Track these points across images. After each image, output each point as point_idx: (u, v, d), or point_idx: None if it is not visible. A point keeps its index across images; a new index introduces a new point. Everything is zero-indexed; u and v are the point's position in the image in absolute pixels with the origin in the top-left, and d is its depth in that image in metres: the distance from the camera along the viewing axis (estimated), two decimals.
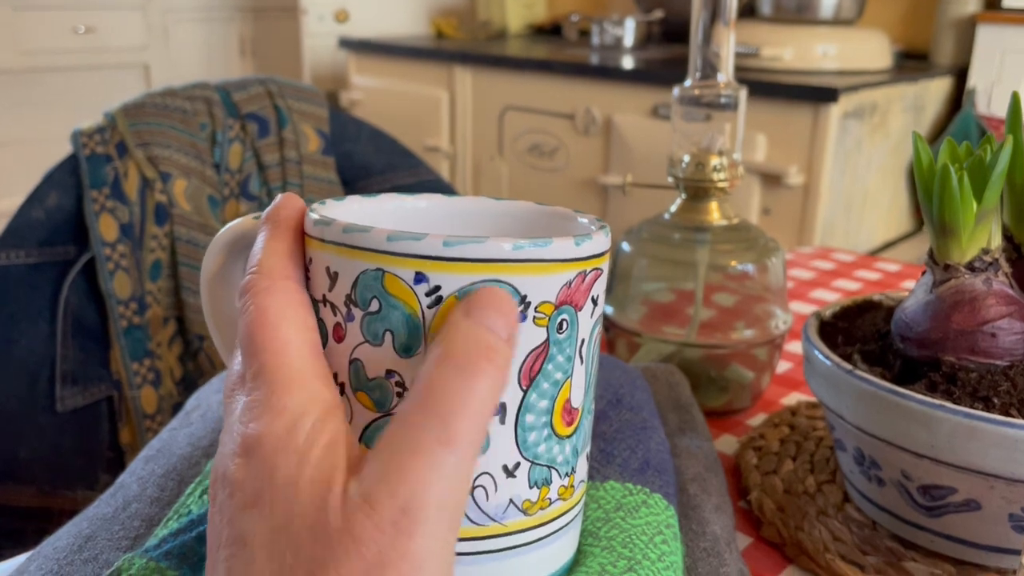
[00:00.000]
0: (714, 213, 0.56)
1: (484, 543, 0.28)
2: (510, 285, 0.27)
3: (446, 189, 1.09)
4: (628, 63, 2.04)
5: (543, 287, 0.27)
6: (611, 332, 0.59)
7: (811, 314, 0.46)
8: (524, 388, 0.28)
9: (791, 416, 0.55)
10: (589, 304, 0.29)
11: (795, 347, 0.68)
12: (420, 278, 0.26)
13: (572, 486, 0.30)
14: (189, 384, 0.92)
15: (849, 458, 0.43)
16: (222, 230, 0.32)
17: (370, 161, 1.04)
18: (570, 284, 0.28)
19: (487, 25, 2.74)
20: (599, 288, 0.30)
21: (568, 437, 0.29)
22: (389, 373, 0.27)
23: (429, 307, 0.26)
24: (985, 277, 0.38)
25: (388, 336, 0.27)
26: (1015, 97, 0.39)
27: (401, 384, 0.27)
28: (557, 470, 0.29)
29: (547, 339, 0.28)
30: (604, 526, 0.35)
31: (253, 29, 3.13)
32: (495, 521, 0.28)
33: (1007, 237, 0.42)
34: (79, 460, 0.86)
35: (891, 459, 0.39)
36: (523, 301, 0.27)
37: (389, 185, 1.04)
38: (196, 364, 0.92)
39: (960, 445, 0.36)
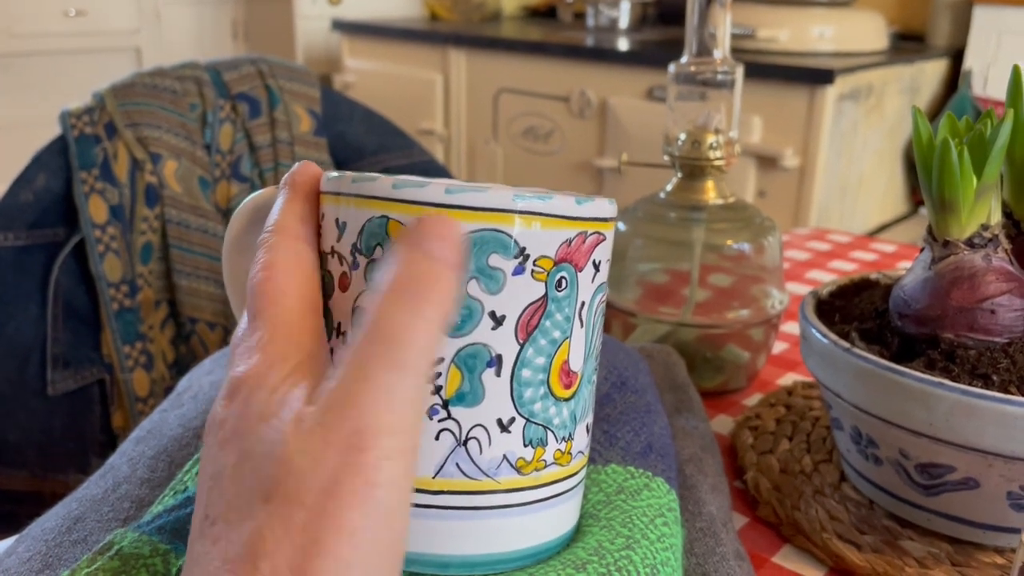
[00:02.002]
0: (710, 192, 0.56)
1: (476, 498, 0.28)
2: (509, 236, 0.27)
3: (439, 171, 1.08)
4: (623, 45, 2.03)
5: (542, 241, 0.28)
6: (606, 312, 0.59)
7: (808, 292, 0.46)
8: (521, 342, 0.28)
9: (787, 396, 0.55)
10: (590, 267, 0.29)
11: (791, 327, 0.68)
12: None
13: (569, 453, 0.30)
14: (181, 367, 0.92)
15: (846, 437, 0.43)
16: (247, 199, 0.33)
17: (363, 142, 1.03)
18: (570, 242, 0.28)
19: (481, 7, 2.72)
20: (601, 254, 0.30)
21: (566, 400, 0.29)
22: None
23: None
24: (984, 253, 0.38)
25: None
26: (1016, 71, 0.38)
27: None
28: (553, 432, 0.29)
29: (545, 294, 0.28)
30: (604, 508, 0.35)
31: (245, 12, 3.10)
32: (488, 476, 0.28)
33: (1007, 213, 0.41)
34: (71, 444, 0.85)
35: (889, 438, 0.39)
36: (522, 253, 0.27)
37: (381, 167, 1.03)
38: (188, 347, 0.92)
39: (959, 423, 0.35)
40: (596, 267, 0.30)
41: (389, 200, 0.27)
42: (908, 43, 2.07)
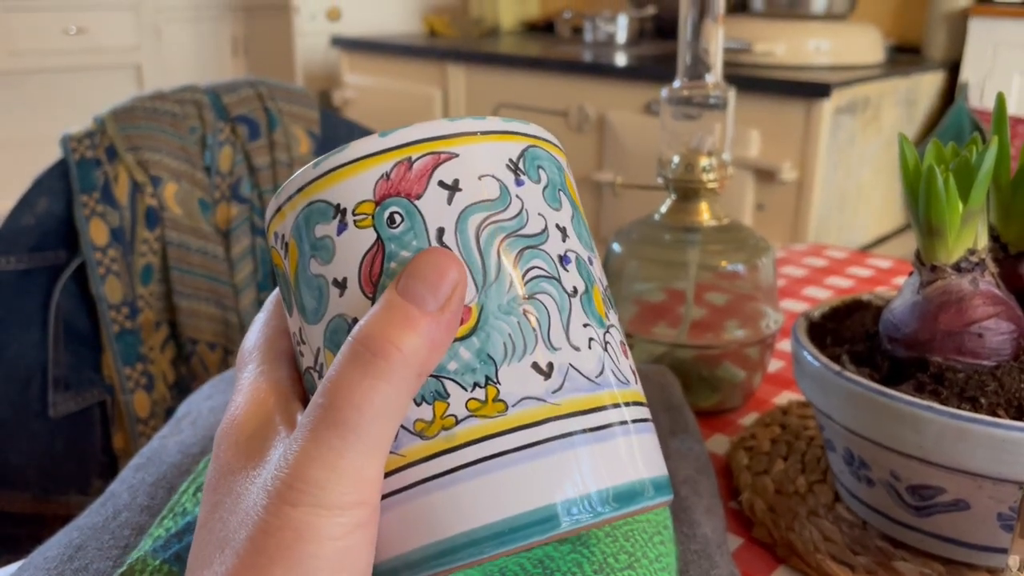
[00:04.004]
0: (704, 214, 0.56)
1: (387, 482, 0.25)
2: (325, 202, 0.26)
3: None
4: (621, 60, 2.04)
5: (352, 189, 0.26)
6: None
7: (800, 314, 0.46)
8: (370, 295, 0.26)
9: (782, 415, 0.56)
10: (436, 189, 0.26)
11: (787, 346, 0.69)
12: (276, 238, 0.28)
13: (495, 400, 0.25)
14: (182, 388, 0.92)
15: (839, 458, 0.43)
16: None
17: None
18: (388, 176, 0.26)
19: (480, 22, 2.73)
20: (451, 172, 0.26)
21: (461, 339, 0.25)
22: (295, 337, 0.28)
23: (285, 257, 0.27)
24: (972, 277, 0.38)
25: (287, 304, 0.28)
26: (1000, 98, 0.39)
27: (301, 340, 0.28)
28: (455, 380, 0.25)
29: (378, 238, 0.26)
30: None
31: (245, 28, 3.12)
32: (391, 452, 0.25)
33: (994, 237, 0.42)
34: (72, 465, 0.86)
35: (880, 459, 0.39)
36: (338, 210, 0.26)
37: None
38: (189, 368, 0.92)
39: (948, 446, 0.36)
40: (450, 187, 0.26)
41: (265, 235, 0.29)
42: (905, 55, 2.08)
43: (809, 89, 1.64)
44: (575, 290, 0.27)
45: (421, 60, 2.36)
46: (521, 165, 0.27)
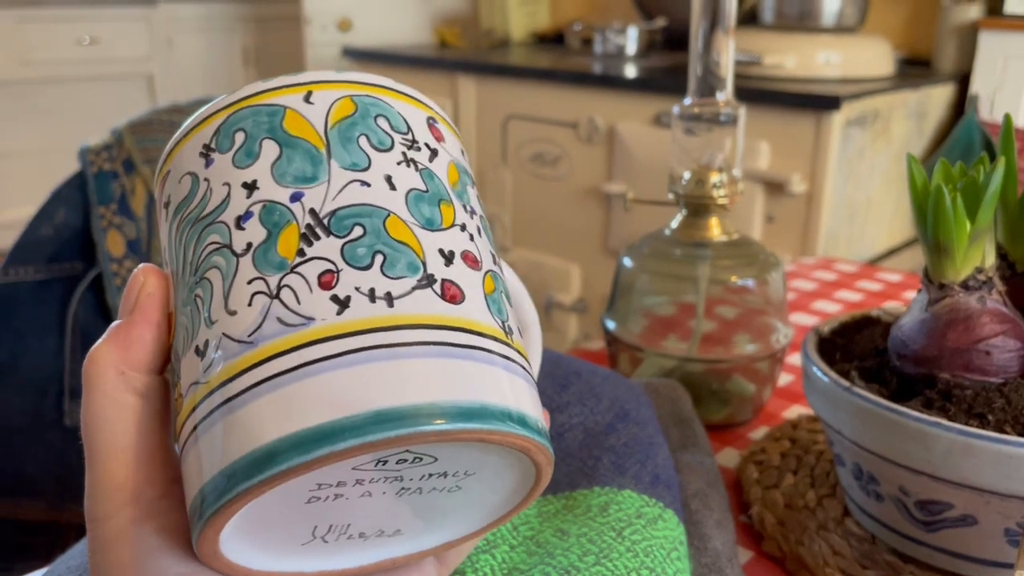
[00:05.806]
0: (714, 229, 0.57)
1: None
2: None
3: None
4: (631, 71, 2.04)
5: None
6: (613, 347, 0.60)
7: (810, 330, 0.47)
8: None
9: (792, 430, 0.56)
10: (164, 212, 0.27)
11: (796, 360, 0.69)
12: None
13: (180, 396, 0.25)
14: None
15: (848, 473, 0.44)
16: None
17: None
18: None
19: (490, 34, 2.75)
20: (169, 189, 0.27)
21: (172, 346, 0.26)
22: None
23: None
24: (979, 295, 0.39)
25: None
26: (1007, 118, 0.40)
27: None
28: (174, 386, 0.26)
29: None
30: (627, 528, 0.36)
31: (256, 39, 3.14)
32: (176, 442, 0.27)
33: (1001, 255, 0.42)
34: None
35: (889, 475, 0.40)
36: None
37: None
38: None
39: (956, 462, 0.36)
40: (167, 204, 0.27)
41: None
42: (914, 68, 2.08)
43: (819, 102, 1.65)
44: (248, 246, 0.24)
45: (432, 71, 2.37)
46: (214, 143, 0.26)
